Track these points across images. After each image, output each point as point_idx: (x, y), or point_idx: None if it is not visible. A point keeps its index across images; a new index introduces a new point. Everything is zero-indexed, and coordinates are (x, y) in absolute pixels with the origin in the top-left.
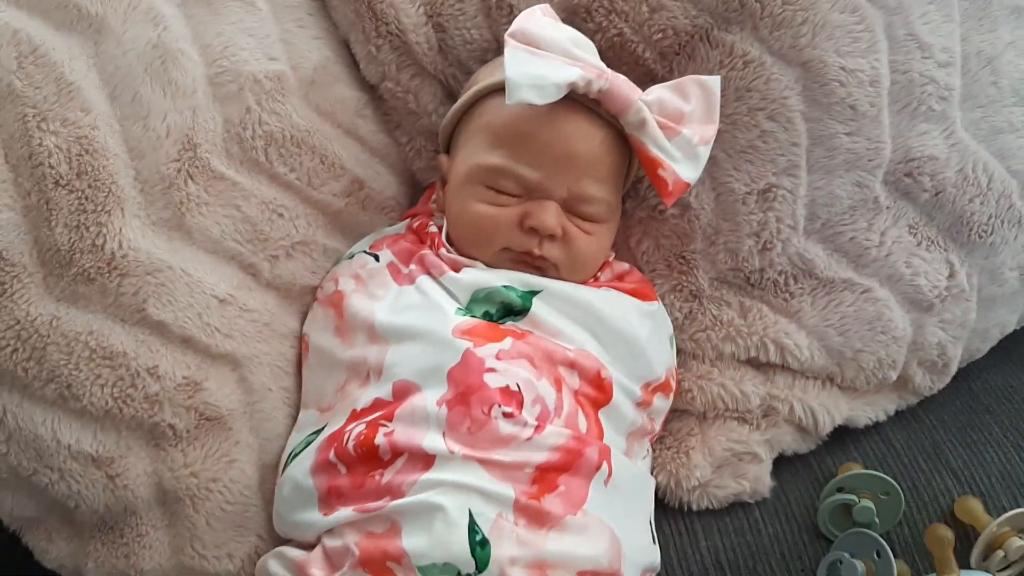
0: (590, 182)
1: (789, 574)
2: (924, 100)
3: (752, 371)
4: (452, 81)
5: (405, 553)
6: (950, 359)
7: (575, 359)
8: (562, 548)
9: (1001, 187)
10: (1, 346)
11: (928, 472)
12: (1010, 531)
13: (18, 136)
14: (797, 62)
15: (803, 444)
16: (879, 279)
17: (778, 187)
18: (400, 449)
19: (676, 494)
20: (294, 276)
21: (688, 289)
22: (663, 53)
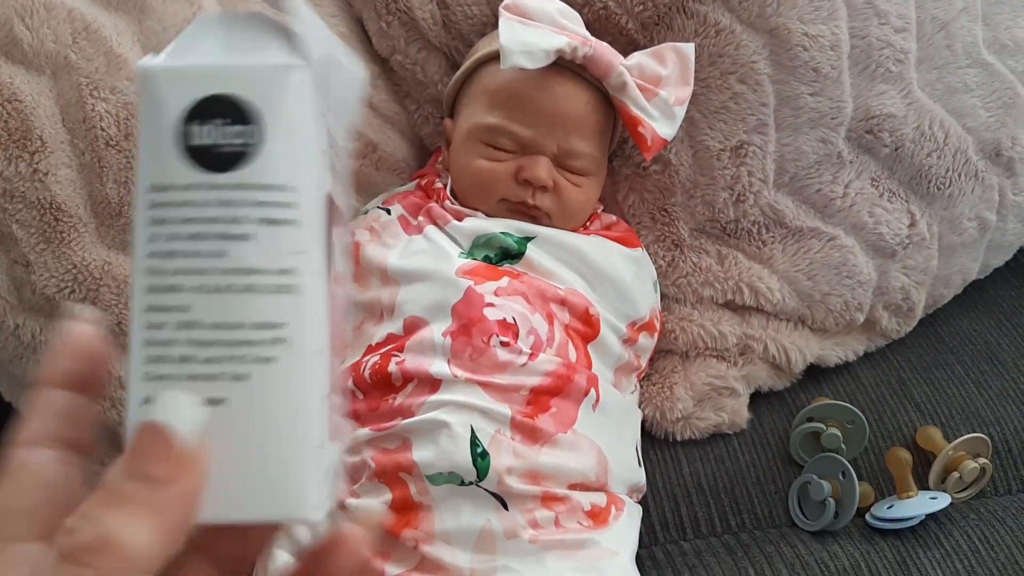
0: (577, 138)
1: (764, 495)
2: (882, 63)
3: (729, 313)
4: (455, 53)
5: (415, 464)
6: (914, 303)
7: (565, 297)
8: (554, 461)
9: (957, 143)
10: (61, 288)
11: (893, 405)
12: (965, 455)
13: (74, 103)
14: (764, 29)
15: (778, 381)
16: (844, 228)
17: (749, 144)
18: (410, 375)
19: (661, 425)
20: None
21: (670, 239)
22: (644, 24)
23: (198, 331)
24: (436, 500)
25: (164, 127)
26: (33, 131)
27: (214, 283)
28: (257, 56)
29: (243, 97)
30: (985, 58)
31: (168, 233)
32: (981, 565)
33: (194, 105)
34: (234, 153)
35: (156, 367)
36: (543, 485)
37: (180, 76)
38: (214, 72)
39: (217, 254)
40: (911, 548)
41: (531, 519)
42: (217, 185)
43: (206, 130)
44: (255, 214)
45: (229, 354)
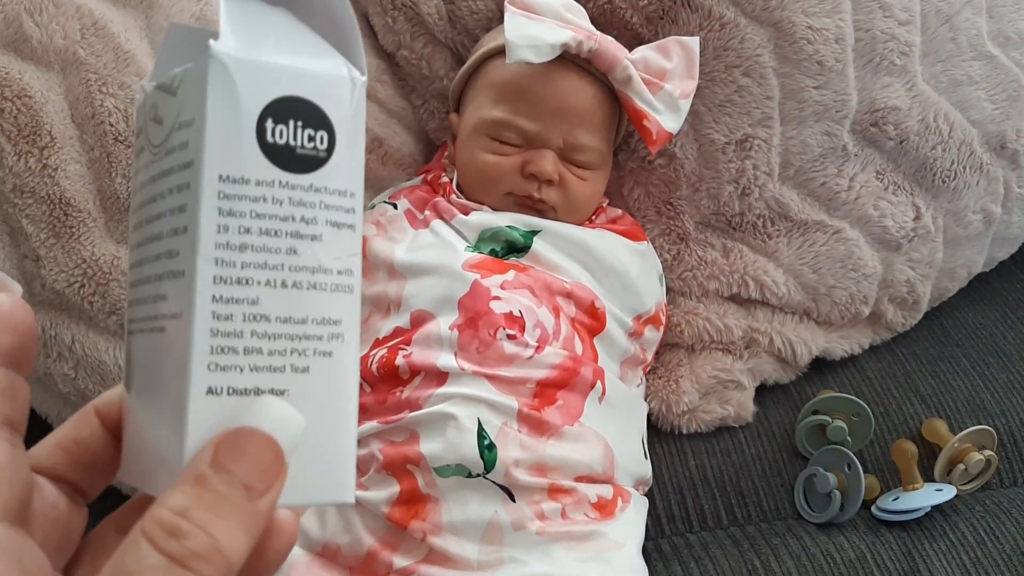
0: (583, 132)
1: (770, 488)
2: (886, 55)
3: (735, 306)
4: (460, 48)
5: (423, 456)
6: (919, 296)
7: (571, 290)
8: (561, 453)
9: (962, 135)
10: (70, 282)
11: (899, 398)
12: (970, 447)
13: (82, 98)
14: (769, 23)
15: (784, 374)
16: (849, 221)
17: (754, 137)
18: (417, 368)
19: (667, 419)
20: None
21: (676, 233)
22: (648, 18)
23: (265, 324)
24: (444, 492)
25: (241, 119)
26: (43, 127)
27: (284, 279)
28: (323, 63)
29: (318, 102)
30: (989, 50)
31: (241, 226)
32: (987, 557)
33: (271, 103)
34: (310, 157)
35: (221, 357)
36: (550, 477)
37: (257, 71)
38: (289, 73)
39: (289, 251)
40: (917, 540)
41: (538, 511)
42: (293, 185)
43: (282, 129)
44: (324, 216)
45: (293, 347)
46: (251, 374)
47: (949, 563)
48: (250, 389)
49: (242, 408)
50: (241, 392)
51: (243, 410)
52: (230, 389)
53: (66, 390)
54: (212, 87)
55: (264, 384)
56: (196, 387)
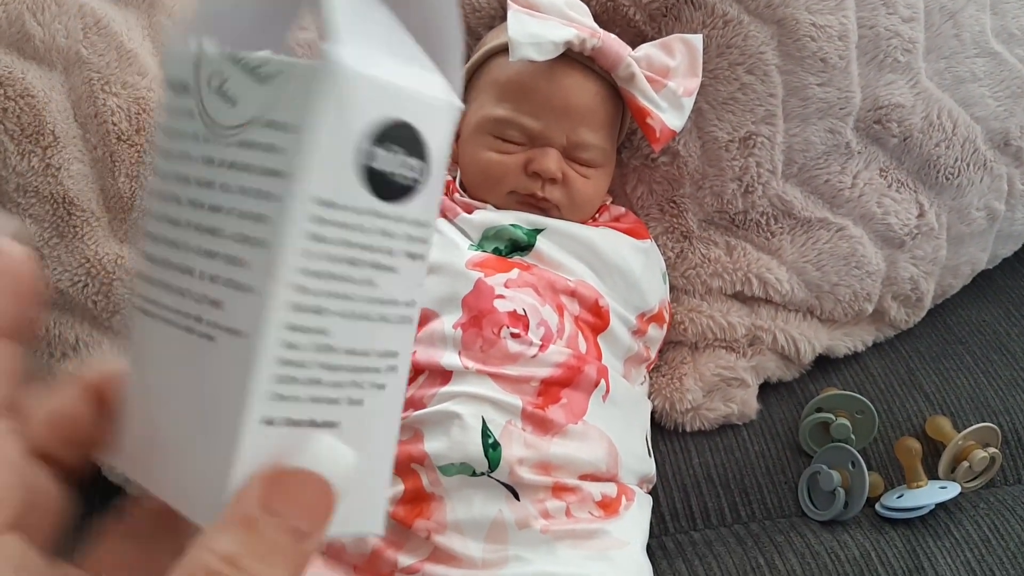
0: (586, 130)
1: (774, 485)
2: (890, 52)
3: (738, 304)
4: (463, 46)
5: (427, 455)
6: (923, 293)
7: (575, 288)
8: (565, 452)
9: (965, 132)
10: (74, 282)
11: (902, 395)
12: (974, 444)
13: (85, 97)
14: (772, 20)
15: (787, 372)
16: (852, 218)
17: (757, 135)
18: (421, 367)
19: (671, 416)
20: None
21: (679, 230)
22: (652, 15)
23: (331, 355)
24: (448, 491)
25: (348, 140)
26: (45, 126)
27: (356, 309)
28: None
29: (420, 129)
30: (993, 47)
31: (326, 253)
32: (991, 554)
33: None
34: (404, 186)
35: (283, 387)
36: (554, 475)
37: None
38: (398, 94)
39: (366, 282)
40: (921, 538)
41: (542, 509)
42: (383, 214)
43: (384, 155)
44: (404, 248)
45: (352, 379)
46: (309, 405)
47: (953, 560)
48: (306, 420)
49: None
50: (296, 423)
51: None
52: (286, 420)
53: None
54: (325, 100)
55: (319, 416)
56: (253, 415)
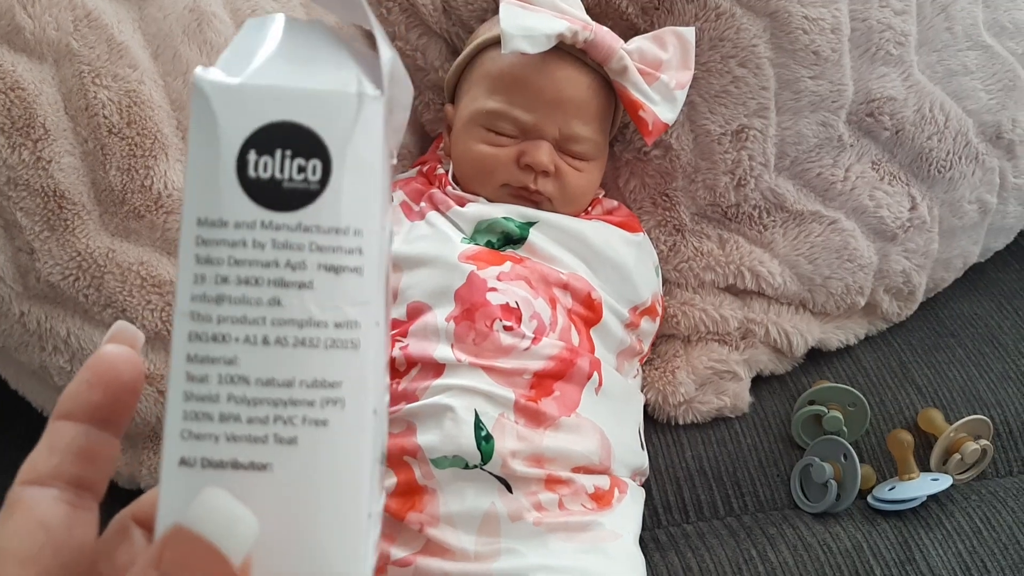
0: (578, 123)
1: (766, 478)
2: (882, 45)
3: (731, 297)
4: (455, 39)
5: (420, 448)
6: (915, 287)
7: (568, 281)
8: (558, 444)
9: (957, 125)
10: (65, 275)
11: (894, 388)
12: (966, 436)
13: (76, 90)
14: (764, 13)
15: (779, 365)
16: (845, 211)
17: (750, 128)
18: (414, 360)
19: (664, 410)
20: None
21: (672, 224)
22: (644, 8)
23: (244, 387)
24: (441, 483)
25: (220, 153)
26: (36, 119)
27: (265, 334)
28: (326, 79)
29: (309, 126)
30: (985, 40)
31: (217, 275)
32: (983, 545)
33: (255, 132)
34: (299, 191)
35: (195, 425)
36: (547, 468)
37: (240, 97)
38: (277, 95)
39: (271, 302)
40: (913, 529)
41: (535, 502)
42: (276, 225)
43: (267, 162)
44: (316, 260)
45: (277, 414)
46: (228, 444)
47: (945, 552)
48: (227, 462)
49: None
50: (217, 465)
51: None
52: (204, 461)
53: (62, 383)
54: (195, 120)
55: (243, 456)
56: (170, 457)
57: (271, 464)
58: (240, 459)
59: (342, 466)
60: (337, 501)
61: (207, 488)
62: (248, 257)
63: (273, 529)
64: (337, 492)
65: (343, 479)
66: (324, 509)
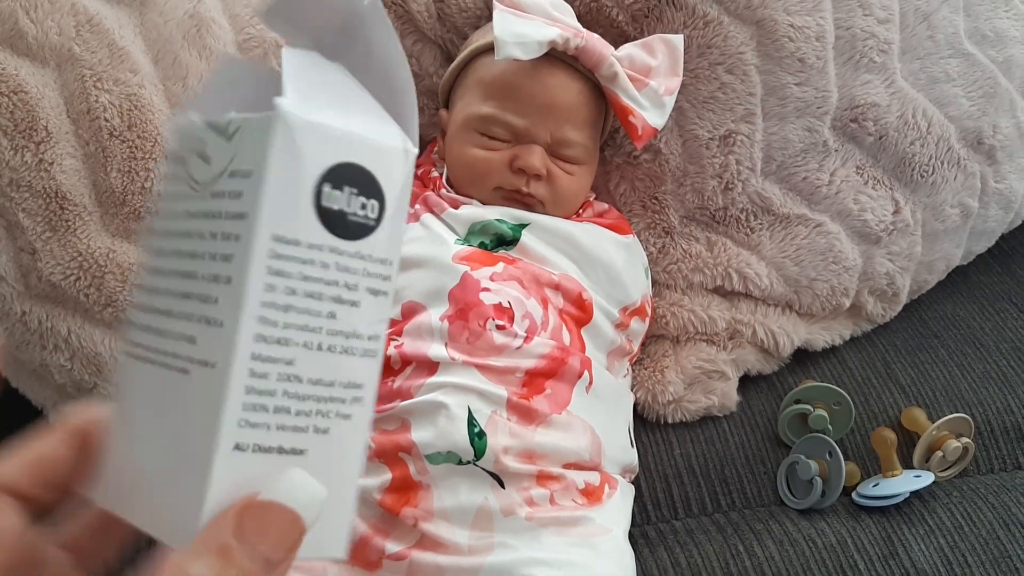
0: (570, 128)
1: (753, 475)
2: (866, 53)
3: (718, 298)
4: (450, 45)
5: (414, 444)
6: (899, 289)
7: (559, 282)
8: (549, 441)
9: (940, 131)
10: (66, 275)
11: (878, 387)
12: (948, 435)
13: (78, 94)
14: (751, 21)
15: (766, 365)
16: (830, 214)
17: (737, 133)
18: (409, 359)
19: (653, 408)
20: None
21: (661, 226)
22: (634, 16)
23: (297, 385)
24: (435, 479)
25: (302, 181)
26: (38, 122)
27: (320, 341)
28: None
29: (373, 171)
30: (967, 48)
31: (288, 286)
32: (964, 541)
33: (331, 168)
34: (360, 224)
35: (252, 415)
36: (538, 464)
37: (319, 134)
38: (349, 139)
39: (329, 315)
40: (896, 525)
41: (527, 497)
42: (340, 251)
43: (337, 195)
44: (365, 284)
45: (318, 409)
46: (277, 433)
47: (927, 547)
48: (274, 447)
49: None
50: (266, 450)
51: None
52: (256, 447)
53: (62, 381)
54: (276, 145)
55: (287, 443)
56: (225, 442)
57: (307, 450)
58: (284, 445)
59: (353, 451)
60: (347, 479)
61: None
62: (316, 275)
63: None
64: (347, 472)
65: (352, 462)
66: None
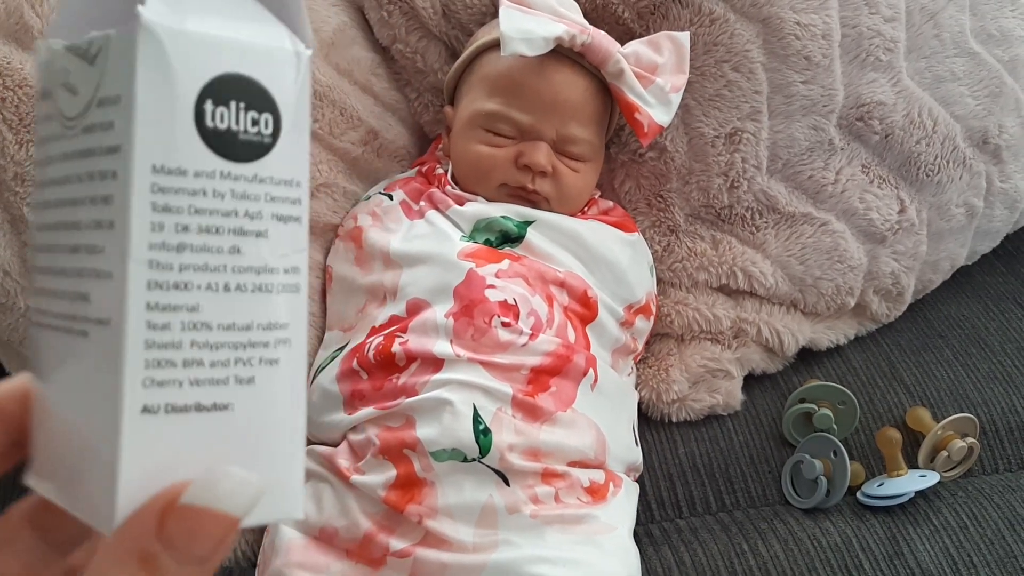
0: (576, 125)
1: (757, 474)
2: (872, 51)
3: (723, 297)
4: (455, 42)
5: (419, 441)
6: (904, 288)
7: (564, 279)
8: (554, 439)
9: (945, 130)
10: None
11: (883, 387)
12: (953, 434)
13: None
14: (757, 19)
15: (771, 364)
16: (835, 213)
17: (743, 131)
18: (414, 355)
19: (657, 407)
20: (318, 214)
21: (666, 224)
22: (640, 13)
23: (207, 333)
24: (439, 476)
25: (175, 100)
26: None
27: (227, 281)
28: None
29: (262, 81)
30: (972, 47)
31: (178, 223)
32: (969, 541)
33: (211, 81)
34: (255, 143)
35: (158, 372)
36: (543, 462)
37: (194, 44)
38: (230, 46)
39: (232, 250)
40: (901, 525)
41: (532, 495)
42: (236, 176)
43: (224, 112)
44: (270, 210)
45: (237, 357)
46: (191, 388)
47: (932, 547)
48: (191, 405)
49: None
50: (181, 409)
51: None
52: (168, 407)
53: None
54: (143, 62)
55: (206, 399)
56: (130, 406)
57: (232, 404)
58: (203, 401)
59: (289, 400)
60: (286, 432)
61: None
62: (210, 206)
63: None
64: (286, 423)
65: (289, 411)
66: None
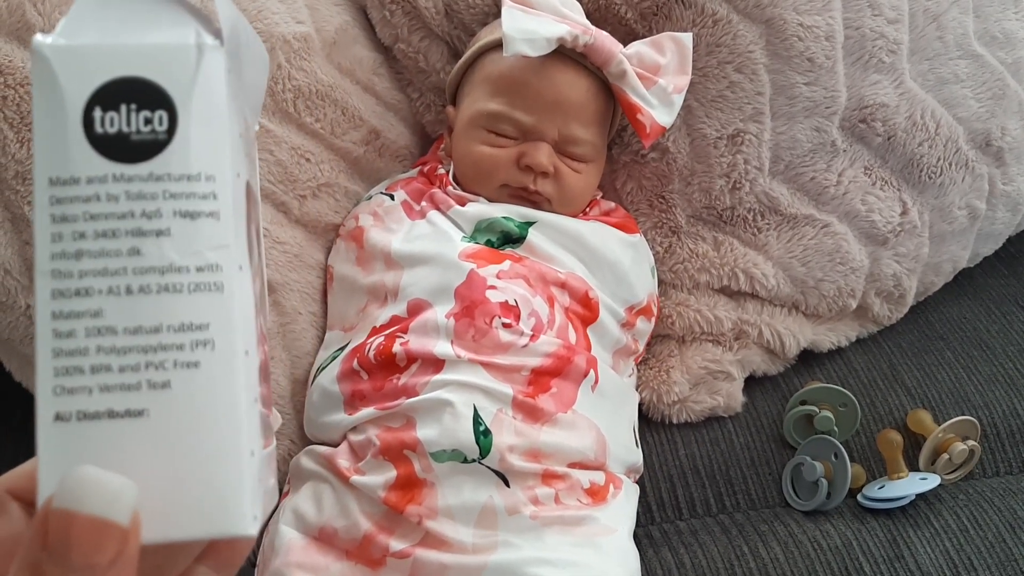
0: (578, 125)
1: (758, 476)
2: (875, 53)
3: (725, 298)
4: (457, 42)
5: (419, 442)
6: (906, 290)
7: (565, 280)
8: (554, 440)
9: (948, 133)
10: None
11: (884, 389)
12: (954, 437)
13: None
14: (760, 20)
15: (772, 366)
16: (837, 215)
17: (745, 132)
18: (414, 356)
19: (658, 408)
20: (320, 214)
21: (668, 225)
22: (643, 14)
23: (112, 337)
24: (439, 477)
25: (64, 113)
26: None
27: (128, 284)
28: (165, 34)
29: (151, 79)
30: (976, 50)
31: (74, 231)
32: (969, 544)
33: (98, 89)
34: (148, 142)
35: (67, 380)
36: (543, 463)
37: (79, 57)
38: (118, 52)
39: (131, 252)
40: (901, 527)
41: (532, 496)
42: (128, 177)
43: (112, 117)
44: (170, 207)
45: (148, 360)
46: (101, 395)
47: (933, 550)
48: (102, 412)
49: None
50: (93, 416)
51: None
52: (79, 414)
53: None
54: (36, 84)
55: (118, 405)
56: (44, 414)
57: (147, 410)
58: (115, 408)
59: (217, 405)
60: (216, 439)
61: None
62: (103, 211)
63: (157, 473)
64: (215, 430)
65: (220, 417)
66: (204, 447)
